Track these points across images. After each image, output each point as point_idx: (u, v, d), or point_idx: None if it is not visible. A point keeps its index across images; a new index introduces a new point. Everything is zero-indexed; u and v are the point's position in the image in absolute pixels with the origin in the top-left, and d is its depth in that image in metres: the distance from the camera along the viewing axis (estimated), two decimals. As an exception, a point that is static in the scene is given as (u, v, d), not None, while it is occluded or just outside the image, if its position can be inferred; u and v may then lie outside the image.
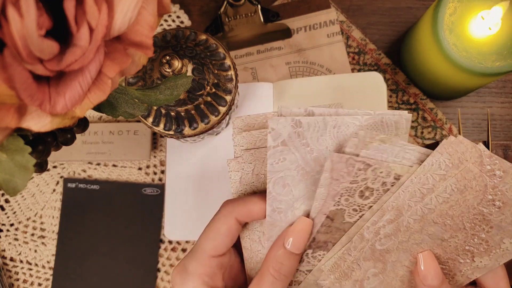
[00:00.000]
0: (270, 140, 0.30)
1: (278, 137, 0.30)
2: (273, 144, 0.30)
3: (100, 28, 0.19)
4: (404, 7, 0.52)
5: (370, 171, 0.29)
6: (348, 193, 0.30)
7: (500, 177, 0.29)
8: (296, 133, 0.30)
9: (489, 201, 0.29)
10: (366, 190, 0.30)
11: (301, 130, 0.30)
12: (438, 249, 0.31)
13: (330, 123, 0.30)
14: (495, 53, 0.40)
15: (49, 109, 0.19)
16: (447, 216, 0.30)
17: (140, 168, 0.51)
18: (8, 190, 0.24)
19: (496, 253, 0.30)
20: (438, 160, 0.29)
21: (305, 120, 0.30)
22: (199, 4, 0.53)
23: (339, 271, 0.33)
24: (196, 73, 0.39)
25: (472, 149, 0.29)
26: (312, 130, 0.30)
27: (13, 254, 0.50)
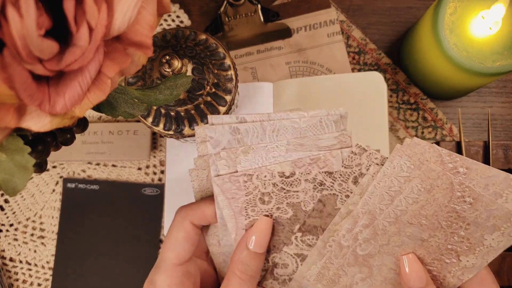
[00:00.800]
0: (210, 148, 0.32)
1: (217, 144, 0.31)
2: (214, 152, 0.32)
3: (99, 28, 0.19)
4: (404, 7, 0.52)
5: (254, 179, 0.31)
6: (251, 204, 0.32)
7: (464, 174, 0.29)
8: (235, 140, 0.31)
9: (459, 198, 0.29)
10: (264, 196, 0.32)
11: (240, 137, 0.31)
12: (421, 250, 0.31)
13: (268, 127, 0.31)
14: (496, 52, 0.40)
15: (49, 109, 0.19)
16: (420, 216, 0.30)
17: (140, 168, 0.51)
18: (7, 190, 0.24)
19: (481, 251, 0.30)
20: (399, 163, 0.30)
21: (243, 127, 0.31)
22: (199, 3, 0.53)
23: (326, 279, 0.34)
24: (196, 73, 0.39)
25: (430, 149, 0.29)
26: (251, 136, 0.31)
27: (12, 254, 0.50)
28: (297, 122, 0.32)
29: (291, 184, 0.32)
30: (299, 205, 0.33)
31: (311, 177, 0.32)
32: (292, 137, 0.32)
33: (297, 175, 0.32)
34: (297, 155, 0.32)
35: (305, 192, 0.33)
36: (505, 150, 0.44)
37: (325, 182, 0.32)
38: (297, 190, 0.33)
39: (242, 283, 0.31)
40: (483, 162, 0.44)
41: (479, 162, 0.28)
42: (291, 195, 0.33)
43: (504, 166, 0.44)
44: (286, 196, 0.33)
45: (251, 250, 0.31)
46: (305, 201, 0.33)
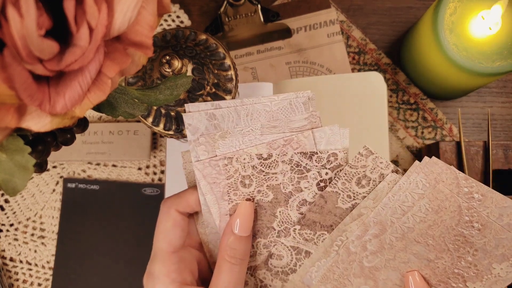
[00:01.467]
0: (189, 135, 0.33)
1: (196, 131, 0.33)
2: (193, 138, 0.33)
3: (100, 28, 0.19)
4: (404, 7, 0.52)
5: (234, 162, 0.33)
6: (233, 188, 0.33)
7: (479, 201, 0.29)
8: (212, 125, 0.33)
9: (466, 223, 0.29)
10: (245, 179, 0.33)
11: (216, 122, 0.33)
12: (427, 270, 0.31)
13: (242, 112, 0.33)
14: (496, 53, 0.40)
15: (49, 109, 0.19)
16: (427, 235, 0.31)
17: (140, 168, 0.51)
18: (7, 190, 0.24)
19: (489, 279, 0.30)
20: (415, 180, 0.30)
21: (218, 112, 0.32)
22: (199, 4, 0.53)
23: (331, 284, 0.34)
24: (196, 73, 0.39)
25: (447, 170, 0.30)
26: (227, 120, 0.33)
27: (13, 254, 0.50)
28: (268, 106, 0.33)
29: (269, 166, 0.34)
30: (278, 187, 0.34)
31: (288, 158, 0.33)
32: (265, 120, 0.33)
33: (274, 157, 0.33)
34: (271, 137, 0.33)
35: (283, 174, 0.34)
36: (505, 150, 0.44)
37: (301, 163, 0.33)
38: (275, 172, 0.34)
39: (232, 267, 0.32)
40: (483, 162, 0.44)
41: (495, 191, 0.28)
42: (270, 177, 0.34)
43: (504, 166, 0.44)
44: (266, 179, 0.34)
45: (237, 234, 0.32)
46: (284, 183, 0.34)
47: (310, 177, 0.34)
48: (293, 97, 0.33)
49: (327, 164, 0.33)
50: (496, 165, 0.44)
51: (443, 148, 0.44)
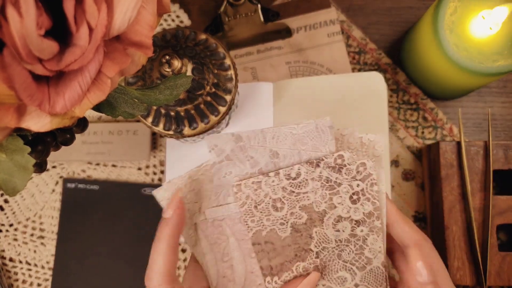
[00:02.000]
0: (214, 156, 0.33)
1: (221, 152, 0.33)
2: (218, 160, 0.33)
3: (99, 27, 0.19)
4: (404, 6, 0.52)
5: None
6: (265, 214, 0.33)
7: None
8: (239, 147, 0.33)
9: None
10: (276, 202, 0.34)
11: (243, 144, 0.33)
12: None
13: (268, 134, 0.33)
14: (496, 53, 0.40)
15: (49, 109, 0.19)
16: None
17: (139, 168, 0.50)
18: (7, 190, 0.24)
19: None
20: None
21: (244, 134, 0.33)
22: (198, 3, 0.53)
23: None
24: (196, 72, 0.39)
25: None
26: (253, 142, 0.33)
27: (12, 254, 0.50)
28: (295, 128, 0.33)
29: (299, 185, 0.33)
30: (311, 206, 0.34)
31: (317, 175, 0.33)
32: (291, 143, 0.33)
33: (303, 175, 0.33)
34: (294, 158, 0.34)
35: (314, 192, 0.33)
36: (505, 150, 0.44)
37: (331, 178, 0.33)
38: (306, 191, 0.33)
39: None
40: (483, 162, 0.44)
41: None
42: (302, 198, 0.33)
43: (504, 166, 0.44)
44: (297, 200, 0.33)
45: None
46: (316, 201, 0.34)
47: (342, 191, 0.33)
48: (313, 126, 0.33)
49: (358, 175, 0.33)
50: (496, 165, 0.44)
51: (443, 148, 0.44)
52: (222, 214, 0.33)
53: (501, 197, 0.43)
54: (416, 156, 0.50)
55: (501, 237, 0.48)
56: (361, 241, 0.34)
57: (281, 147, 0.33)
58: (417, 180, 0.49)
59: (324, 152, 0.33)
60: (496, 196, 0.43)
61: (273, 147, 0.33)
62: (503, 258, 0.42)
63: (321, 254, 0.35)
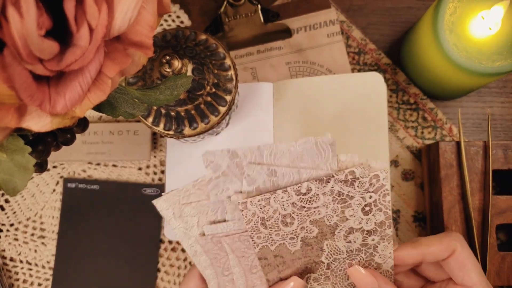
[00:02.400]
0: (210, 172, 0.33)
1: (218, 168, 0.33)
2: (215, 176, 0.33)
3: (100, 28, 0.19)
4: (404, 7, 0.52)
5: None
6: (274, 229, 0.33)
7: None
8: (234, 163, 0.33)
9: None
10: (286, 218, 0.33)
11: (238, 161, 0.33)
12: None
13: (265, 151, 0.32)
14: (495, 53, 0.40)
15: (49, 109, 0.19)
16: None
17: (140, 168, 0.51)
18: (8, 190, 0.24)
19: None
20: None
21: (240, 150, 0.32)
22: (199, 4, 0.53)
23: None
24: (196, 73, 0.39)
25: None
26: (249, 159, 0.32)
27: (13, 254, 0.50)
28: (293, 145, 0.32)
29: (310, 200, 0.33)
30: (322, 220, 0.33)
31: (328, 190, 0.32)
32: (289, 161, 0.33)
33: (313, 191, 0.32)
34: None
35: (325, 206, 0.33)
36: (505, 150, 0.44)
37: (343, 192, 0.32)
38: (317, 205, 0.33)
39: None
40: (482, 162, 0.44)
41: None
42: (313, 212, 0.33)
43: (503, 166, 0.44)
44: (308, 214, 0.33)
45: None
46: (327, 215, 0.33)
47: (354, 204, 0.33)
48: (313, 142, 0.32)
49: (370, 188, 0.33)
50: (496, 165, 0.44)
51: (443, 148, 0.44)
52: (221, 230, 0.33)
53: (501, 197, 0.43)
54: (415, 156, 0.50)
55: (500, 237, 0.48)
56: (372, 249, 0.34)
57: (279, 164, 0.32)
58: (417, 180, 0.49)
59: (325, 171, 0.32)
60: (496, 196, 0.43)
61: (271, 165, 0.32)
62: (503, 258, 0.42)
63: (332, 265, 0.34)
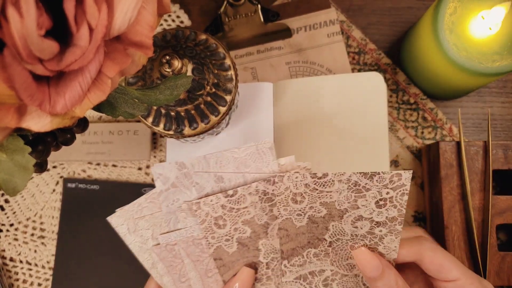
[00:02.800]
0: (159, 184, 0.34)
1: (167, 180, 0.34)
2: (164, 188, 0.34)
3: (100, 28, 0.19)
4: (404, 7, 0.52)
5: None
6: (283, 204, 0.34)
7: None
8: (182, 174, 0.34)
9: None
10: (296, 196, 0.34)
11: (186, 171, 0.34)
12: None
13: (211, 160, 0.34)
14: (496, 53, 0.40)
15: (49, 109, 0.19)
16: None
17: (140, 168, 0.51)
18: (7, 190, 0.24)
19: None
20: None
21: (188, 161, 0.33)
22: (199, 4, 0.53)
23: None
24: (196, 73, 0.39)
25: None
26: (196, 169, 0.34)
27: (13, 254, 0.50)
28: (236, 152, 0.34)
29: (324, 184, 0.33)
30: (333, 204, 0.33)
31: (345, 178, 0.32)
32: (234, 167, 0.34)
33: (330, 176, 0.33)
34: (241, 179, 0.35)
35: (339, 192, 0.33)
36: (505, 150, 0.44)
37: (360, 183, 0.32)
38: (331, 190, 0.33)
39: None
40: (483, 162, 0.44)
41: None
42: (325, 195, 0.33)
43: (504, 166, 0.44)
44: (320, 196, 0.33)
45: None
46: (339, 200, 0.33)
47: (369, 196, 0.33)
48: (259, 144, 0.34)
49: (389, 184, 0.32)
50: (496, 165, 0.44)
51: (443, 148, 0.44)
52: (174, 238, 0.34)
53: (501, 197, 0.43)
54: (415, 156, 0.50)
55: (500, 237, 0.48)
56: (378, 238, 0.34)
57: (225, 171, 0.34)
58: (417, 180, 0.49)
59: (267, 173, 0.34)
60: (496, 196, 0.43)
61: (217, 172, 0.34)
62: (503, 258, 0.42)
63: (334, 244, 0.35)
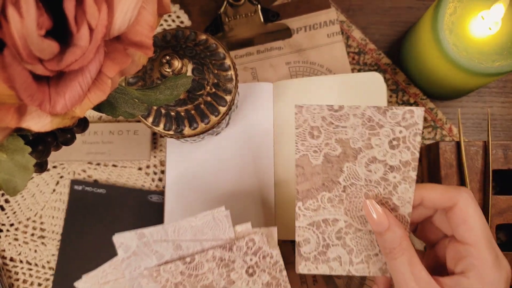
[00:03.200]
0: (121, 253, 0.36)
1: (128, 249, 0.36)
2: (126, 256, 0.36)
3: (100, 28, 0.19)
4: (404, 7, 0.52)
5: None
6: (301, 139, 0.34)
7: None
8: (142, 243, 0.36)
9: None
10: (313, 130, 0.34)
11: (146, 240, 0.36)
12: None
13: (169, 229, 0.36)
14: (495, 53, 0.40)
15: (49, 109, 0.19)
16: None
17: (140, 168, 0.51)
18: (8, 190, 0.24)
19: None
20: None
21: (147, 231, 0.36)
22: (199, 4, 0.53)
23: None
24: (196, 73, 0.39)
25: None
26: (155, 238, 0.36)
27: (13, 254, 0.50)
28: (193, 221, 0.36)
29: (340, 118, 0.33)
30: (347, 142, 0.34)
31: (360, 112, 0.33)
32: (191, 235, 0.36)
33: (345, 109, 0.33)
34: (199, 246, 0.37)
35: (353, 128, 0.33)
36: (505, 150, 0.44)
37: (374, 118, 0.32)
38: (345, 125, 0.33)
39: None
40: (482, 162, 0.44)
41: None
42: (340, 131, 0.33)
43: (503, 166, 0.44)
44: (335, 132, 0.33)
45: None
46: (353, 138, 0.33)
47: (382, 134, 0.33)
48: (215, 212, 0.36)
49: (402, 122, 0.32)
50: (496, 165, 0.44)
51: (443, 148, 0.44)
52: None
53: (501, 197, 0.43)
54: (415, 156, 0.50)
55: (500, 237, 0.48)
56: (392, 186, 0.34)
57: (183, 239, 0.36)
58: (417, 180, 0.49)
59: (224, 240, 0.36)
60: (496, 196, 0.43)
61: (175, 240, 0.36)
62: (503, 258, 0.42)
63: (348, 189, 0.34)
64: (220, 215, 0.36)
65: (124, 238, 0.36)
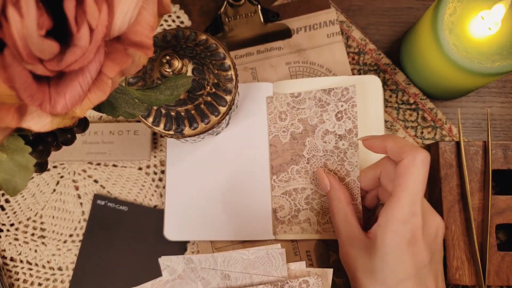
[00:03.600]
0: (166, 274, 0.37)
1: (174, 272, 0.37)
2: (171, 278, 0.37)
3: (100, 28, 0.19)
4: (404, 7, 0.52)
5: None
6: (272, 122, 0.45)
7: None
8: (190, 268, 0.37)
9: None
10: (282, 114, 0.46)
11: (193, 266, 0.37)
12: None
13: (219, 258, 0.36)
14: (495, 53, 0.40)
15: (49, 109, 0.19)
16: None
17: (140, 168, 0.51)
18: (8, 190, 0.24)
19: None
20: None
21: (195, 257, 0.36)
22: (199, 4, 0.53)
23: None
24: (196, 73, 0.39)
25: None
26: (203, 265, 0.36)
27: (13, 254, 0.50)
28: (246, 254, 0.36)
29: (299, 102, 0.44)
30: (306, 120, 0.43)
31: (312, 95, 0.44)
32: (242, 268, 0.36)
33: (302, 95, 0.44)
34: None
35: (310, 108, 0.43)
36: (505, 150, 0.44)
37: (322, 98, 0.43)
38: (304, 107, 0.44)
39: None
40: (482, 162, 0.44)
41: None
42: (300, 112, 0.44)
43: (503, 166, 0.44)
44: (297, 113, 0.44)
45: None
46: (310, 116, 0.43)
47: (330, 110, 0.43)
48: (269, 248, 0.36)
49: (342, 98, 0.43)
50: (496, 165, 0.44)
51: (442, 148, 0.44)
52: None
53: (500, 197, 0.43)
54: (415, 156, 0.50)
55: (500, 236, 0.48)
56: (342, 153, 0.42)
57: (232, 270, 0.36)
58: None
59: (276, 277, 0.36)
60: (495, 196, 0.43)
61: (224, 270, 0.36)
62: (502, 258, 0.42)
63: (311, 161, 0.43)
64: (274, 252, 0.36)
65: (170, 261, 0.37)
